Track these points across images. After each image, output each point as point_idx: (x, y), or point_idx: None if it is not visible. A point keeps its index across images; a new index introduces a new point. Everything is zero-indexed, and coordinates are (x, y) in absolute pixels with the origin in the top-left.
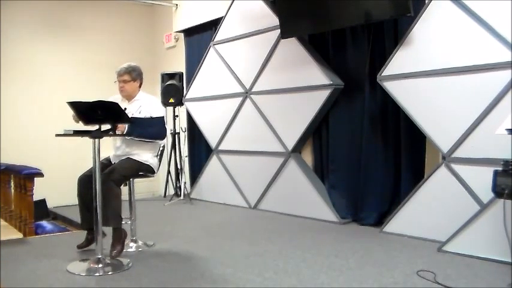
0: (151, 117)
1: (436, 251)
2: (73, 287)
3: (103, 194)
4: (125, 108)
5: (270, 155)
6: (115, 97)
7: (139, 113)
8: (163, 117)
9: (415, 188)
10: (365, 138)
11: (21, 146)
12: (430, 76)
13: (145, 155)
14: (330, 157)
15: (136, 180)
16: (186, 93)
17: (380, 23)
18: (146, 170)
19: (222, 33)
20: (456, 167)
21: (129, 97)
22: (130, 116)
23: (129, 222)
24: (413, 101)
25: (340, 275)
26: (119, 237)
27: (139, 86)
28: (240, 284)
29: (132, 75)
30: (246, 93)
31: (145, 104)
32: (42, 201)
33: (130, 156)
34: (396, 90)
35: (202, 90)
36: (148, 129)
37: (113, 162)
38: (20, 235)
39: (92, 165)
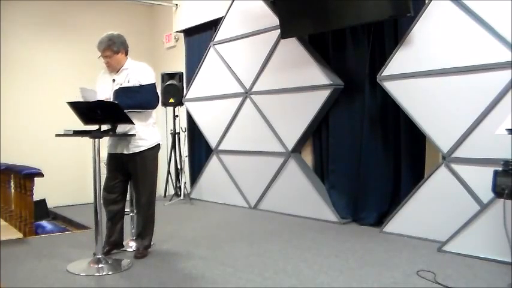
0: (140, 85)
1: (436, 251)
2: (73, 287)
3: (148, 218)
4: (114, 80)
5: (270, 155)
6: (104, 71)
7: (128, 81)
8: (153, 83)
9: (415, 188)
10: (365, 138)
11: (21, 146)
12: (430, 76)
13: (144, 131)
14: (330, 157)
15: None
16: (186, 93)
17: (380, 23)
18: (158, 150)
19: (222, 33)
20: (456, 167)
21: (116, 69)
22: (118, 86)
23: (131, 214)
24: (413, 101)
25: (340, 275)
26: (148, 247)
27: (126, 54)
28: (240, 284)
29: (114, 49)
30: (246, 93)
31: (134, 71)
32: (42, 201)
33: (136, 149)
34: (396, 90)
35: (202, 90)
36: (136, 97)
37: (115, 152)
38: (20, 235)
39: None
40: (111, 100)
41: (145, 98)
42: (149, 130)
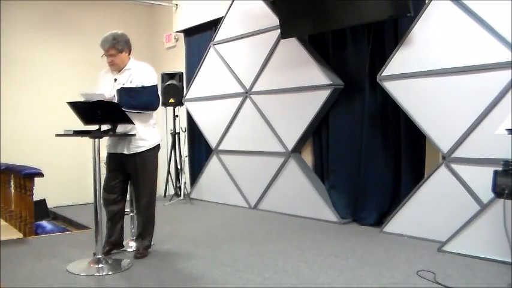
0: (143, 86)
1: (436, 251)
2: (73, 287)
3: (148, 219)
4: (115, 79)
5: (270, 155)
6: (105, 70)
7: (131, 82)
8: (155, 85)
9: (415, 188)
10: (365, 138)
11: (21, 146)
12: (430, 76)
13: (144, 132)
14: (330, 157)
15: None
16: (186, 93)
17: (380, 23)
18: (158, 151)
19: (222, 33)
20: (456, 167)
21: (119, 68)
22: (120, 86)
23: (131, 214)
24: (413, 101)
25: (340, 275)
26: (148, 247)
27: (129, 54)
28: (240, 284)
29: (118, 48)
30: (246, 93)
31: (136, 72)
32: (42, 201)
33: (136, 150)
34: (396, 90)
35: (202, 90)
36: (138, 98)
37: (115, 152)
38: (20, 235)
39: (103, 181)
40: (115, 99)
41: (148, 99)
42: (150, 130)
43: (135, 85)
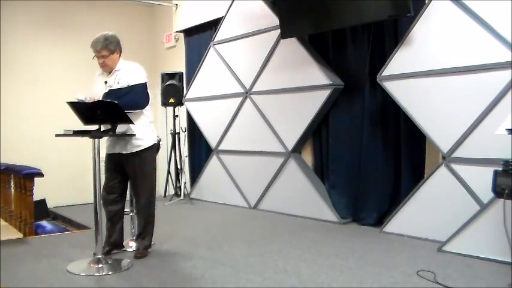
0: (129, 86)
1: (436, 251)
2: (73, 287)
3: (148, 219)
4: (106, 82)
5: (270, 155)
6: (99, 72)
7: (118, 83)
8: (144, 83)
9: (415, 188)
10: (365, 138)
11: (21, 146)
12: (430, 76)
13: (140, 131)
14: (330, 157)
15: None
16: (186, 93)
17: (380, 23)
18: (156, 151)
19: (222, 33)
20: (456, 167)
21: (110, 69)
22: (109, 88)
23: (131, 214)
24: (413, 101)
25: (340, 275)
26: (148, 247)
27: (119, 55)
28: (240, 284)
29: (110, 48)
30: (246, 93)
31: (124, 73)
32: (42, 201)
33: (134, 149)
34: (396, 90)
35: (202, 90)
36: (124, 98)
37: (113, 152)
38: (20, 235)
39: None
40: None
41: (133, 99)
42: (145, 129)
43: (121, 85)
